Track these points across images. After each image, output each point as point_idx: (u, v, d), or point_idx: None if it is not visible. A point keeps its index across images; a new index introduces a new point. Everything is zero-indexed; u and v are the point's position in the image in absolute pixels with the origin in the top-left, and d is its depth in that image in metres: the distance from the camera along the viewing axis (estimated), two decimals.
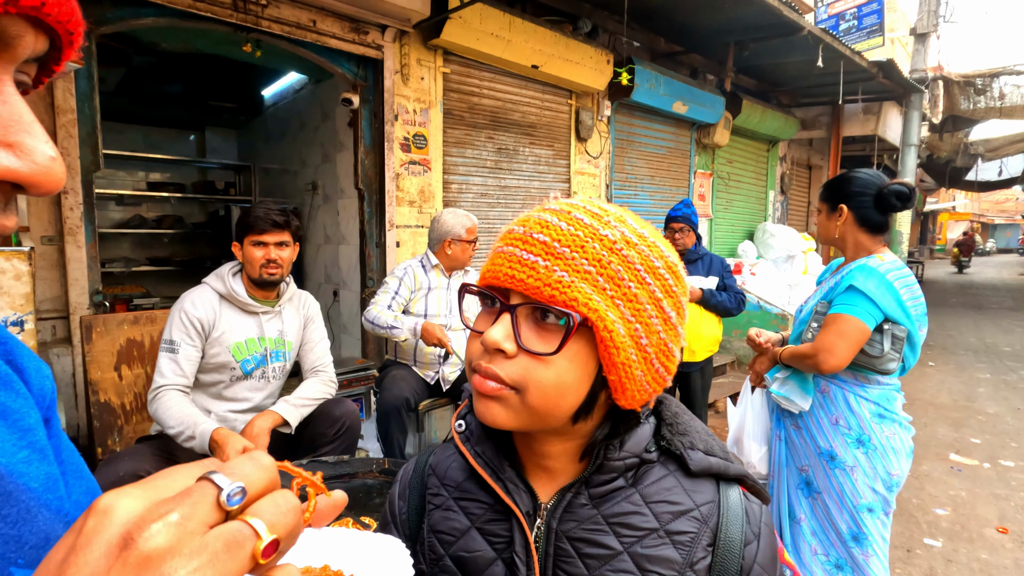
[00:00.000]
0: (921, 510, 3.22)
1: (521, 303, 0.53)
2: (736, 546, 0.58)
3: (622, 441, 0.59)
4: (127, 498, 0.24)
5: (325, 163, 4.50)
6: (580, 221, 0.53)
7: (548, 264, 0.51)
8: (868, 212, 1.69)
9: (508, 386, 0.53)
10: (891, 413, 1.67)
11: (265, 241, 1.86)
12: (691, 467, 0.60)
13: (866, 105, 7.39)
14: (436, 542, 0.64)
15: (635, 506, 0.59)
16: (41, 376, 0.45)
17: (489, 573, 0.61)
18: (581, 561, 0.58)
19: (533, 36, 4.07)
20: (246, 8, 2.95)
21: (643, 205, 5.86)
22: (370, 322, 2.53)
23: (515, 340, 0.52)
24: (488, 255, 0.58)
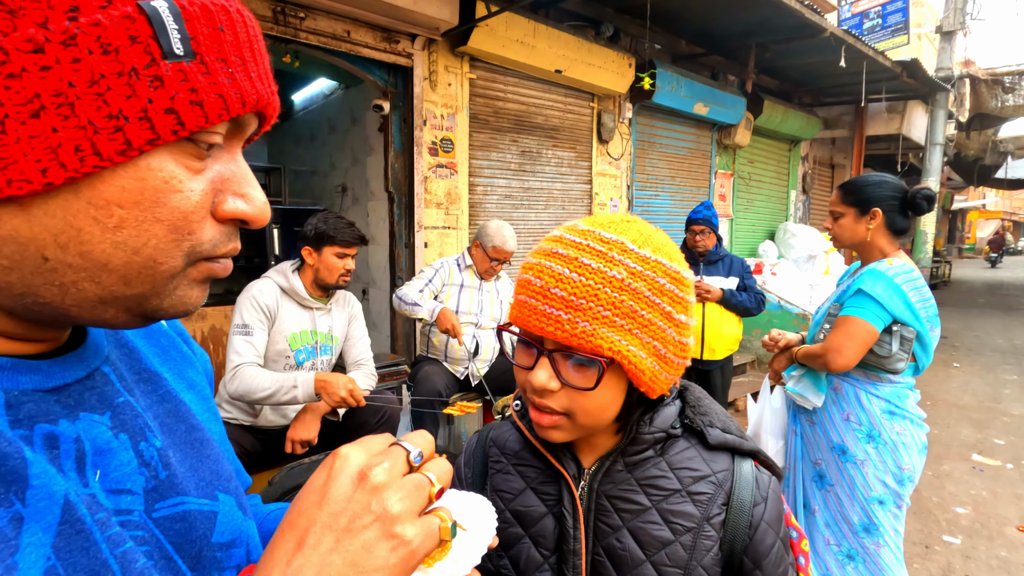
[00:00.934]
0: (941, 508, 3.26)
1: (554, 348, 0.64)
2: (746, 506, 0.70)
3: (651, 419, 0.71)
4: (355, 449, 0.36)
5: (355, 166, 4.67)
6: (588, 267, 0.61)
7: (570, 317, 0.60)
8: (896, 216, 1.76)
9: (560, 414, 0.65)
10: (902, 410, 1.75)
11: (347, 253, 2.09)
12: (709, 441, 0.72)
13: (890, 104, 7.33)
14: (497, 499, 0.77)
15: (662, 471, 0.71)
16: (204, 359, 0.58)
17: (542, 524, 0.74)
18: (617, 514, 0.71)
19: (556, 41, 4.18)
20: (286, 21, 3.11)
21: (663, 206, 5.92)
22: (399, 298, 2.68)
23: (557, 379, 0.63)
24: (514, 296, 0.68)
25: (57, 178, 0.30)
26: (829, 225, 1.86)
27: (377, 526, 0.34)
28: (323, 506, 0.34)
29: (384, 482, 0.35)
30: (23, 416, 0.34)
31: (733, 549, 0.69)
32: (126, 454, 0.39)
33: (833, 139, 8.63)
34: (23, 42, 0.28)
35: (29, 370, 0.36)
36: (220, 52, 0.33)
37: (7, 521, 0.30)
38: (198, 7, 0.33)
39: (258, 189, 0.38)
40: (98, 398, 0.39)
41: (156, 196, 0.33)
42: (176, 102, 0.32)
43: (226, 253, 0.38)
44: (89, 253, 0.32)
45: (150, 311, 0.37)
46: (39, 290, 0.33)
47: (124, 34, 0.30)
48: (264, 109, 0.37)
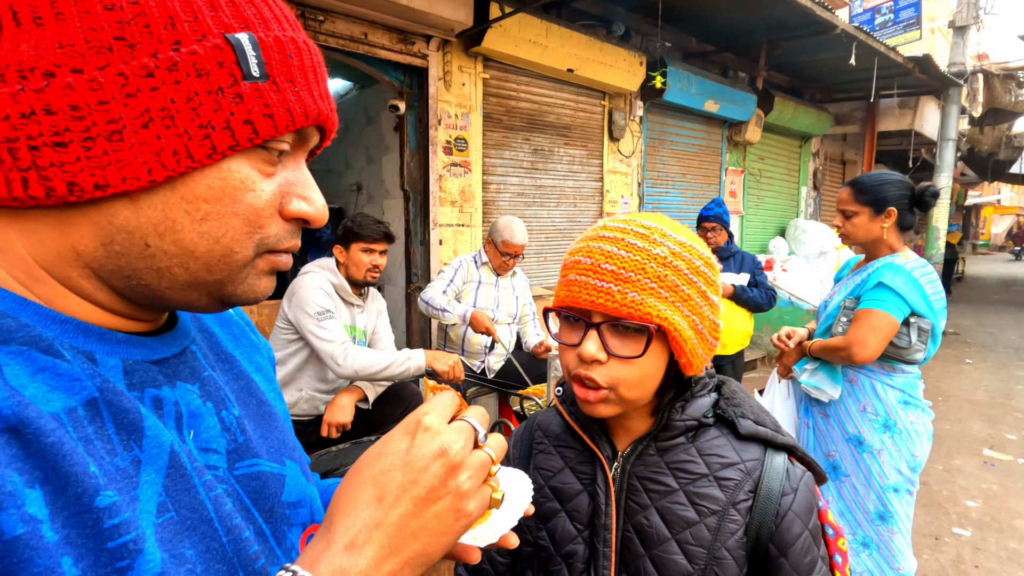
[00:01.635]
0: (951, 502, 3.29)
1: (602, 321, 0.68)
2: (774, 494, 0.72)
3: (683, 407, 0.75)
4: (435, 419, 0.41)
5: (369, 165, 4.74)
6: (634, 246, 0.67)
7: (620, 288, 0.65)
8: (906, 213, 1.81)
9: (605, 388, 0.69)
10: (915, 399, 1.79)
11: (374, 249, 2.17)
12: (740, 431, 0.75)
13: (902, 100, 7.31)
14: (539, 476, 0.84)
15: (691, 457, 0.75)
16: (268, 348, 0.66)
17: (577, 500, 0.80)
18: (646, 494, 0.76)
19: (569, 41, 4.23)
20: (305, 24, 3.19)
21: (674, 203, 5.96)
22: (426, 302, 2.75)
23: (605, 350, 0.68)
24: (560, 279, 0.73)
25: (159, 176, 0.36)
26: (839, 223, 1.90)
27: (449, 498, 0.39)
28: (405, 472, 0.39)
29: (460, 461, 0.40)
30: (136, 381, 0.41)
31: (759, 535, 0.72)
32: (212, 419, 0.46)
33: (844, 135, 8.61)
34: (139, 68, 0.35)
35: (139, 344, 0.43)
36: (289, 75, 0.40)
37: (129, 462, 0.37)
38: (272, 39, 0.39)
39: (318, 193, 0.45)
40: (189, 371, 0.46)
41: (234, 193, 0.39)
42: (252, 115, 0.38)
43: (288, 248, 0.44)
44: (180, 241, 0.39)
45: (226, 296, 0.43)
46: (142, 273, 0.39)
47: (214, 60, 0.37)
48: (324, 123, 0.44)
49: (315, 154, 0.49)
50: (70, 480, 0.33)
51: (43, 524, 0.31)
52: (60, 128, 0.34)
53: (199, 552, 0.39)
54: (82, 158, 0.35)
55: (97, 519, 0.33)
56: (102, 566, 0.33)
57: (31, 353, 0.35)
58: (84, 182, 0.35)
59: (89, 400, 0.36)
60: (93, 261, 0.38)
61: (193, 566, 0.38)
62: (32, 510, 0.31)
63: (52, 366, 0.35)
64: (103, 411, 0.37)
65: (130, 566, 0.34)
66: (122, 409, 0.38)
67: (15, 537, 0.30)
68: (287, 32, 0.40)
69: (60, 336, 0.38)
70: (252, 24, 0.39)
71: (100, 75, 0.34)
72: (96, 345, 0.40)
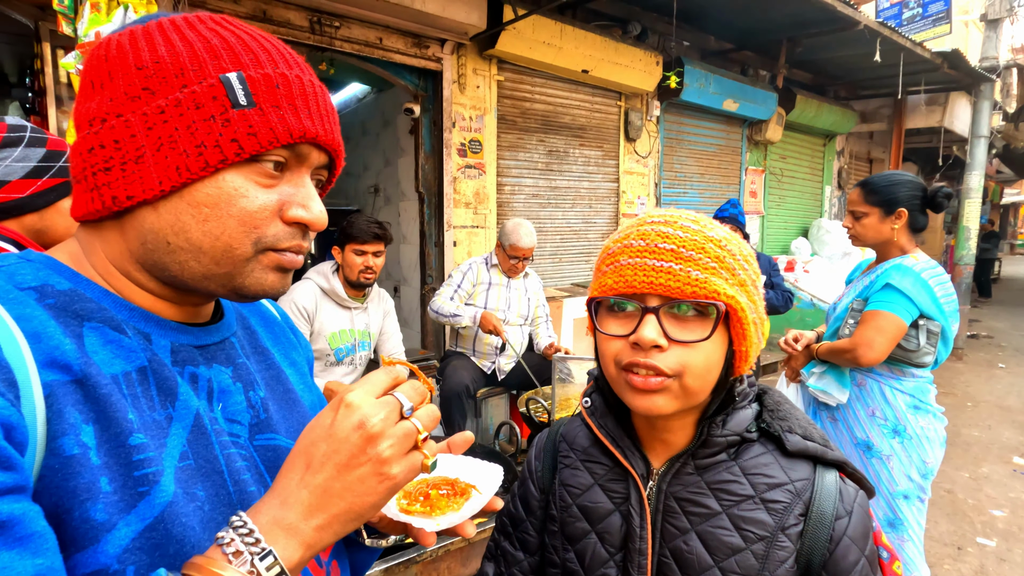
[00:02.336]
0: (977, 511, 3.19)
1: (660, 304, 0.63)
2: (827, 518, 0.65)
3: (724, 421, 0.69)
4: (358, 396, 0.45)
5: (387, 167, 4.81)
6: (690, 228, 0.64)
7: (681, 267, 0.61)
8: (918, 214, 1.78)
9: (668, 376, 0.63)
10: (926, 404, 1.75)
11: (365, 250, 2.18)
12: (788, 447, 0.68)
13: (931, 96, 7.10)
14: (565, 493, 0.78)
15: (734, 476, 0.69)
16: (308, 348, 0.76)
17: (608, 521, 0.74)
18: (685, 517, 0.70)
19: (583, 42, 4.22)
20: (322, 31, 3.25)
21: (692, 203, 5.89)
22: (435, 311, 2.78)
23: (665, 335, 0.62)
24: (602, 268, 0.68)
25: (167, 187, 0.47)
26: (849, 224, 1.87)
27: (369, 465, 0.44)
28: (328, 442, 0.45)
29: (379, 431, 0.45)
30: (179, 359, 0.52)
31: (811, 563, 0.66)
32: (239, 396, 0.56)
33: (871, 133, 8.40)
34: (155, 108, 0.47)
35: (186, 332, 0.54)
36: (275, 102, 0.48)
37: (163, 417, 0.48)
38: (261, 75, 0.48)
39: (318, 203, 0.53)
40: (226, 357, 0.57)
41: (229, 199, 0.48)
42: (238, 134, 0.47)
43: (290, 247, 0.52)
44: (190, 239, 0.48)
45: (237, 287, 0.51)
46: (169, 266, 0.49)
47: (209, 96, 0.47)
48: (316, 141, 0.51)
49: (333, 178, 0.57)
50: (112, 422, 0.44)
51: (91, 450, 0.42)
52: (107, 157, 0.47)
53: (209, 495, 0.48)
54: (120, 177, 0.47)
55: (128, 453, 0.44)
56: (128, 489, 0.43)
57: (104, 329, 0.47)
58: (120, 194, 0.47)
59: (140, 368, 0.48)
60: (139, 258, 0.50)
61: (202, 504, 0.48)
62: (85, 439, 0.42)
63: (117, 340, 0.48)
64: (150, 377, 0.48)
65: (148, 492, 0.44)
66: (163, 377, 0.49)
67: (71, 456, 0.41)
68: (278, 69, 0.50)
69: (128, 319, 0.50)
70: (245, 64, 0.48)
71: (131, 116, 0.46)
72: (153, 328, 0.51)
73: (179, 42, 0.48)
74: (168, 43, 0.48)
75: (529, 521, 0.83)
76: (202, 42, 0.48)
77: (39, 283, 0.47)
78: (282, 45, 0.53)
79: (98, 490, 0.42)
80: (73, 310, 0.47)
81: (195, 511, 0.47)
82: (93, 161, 0.48)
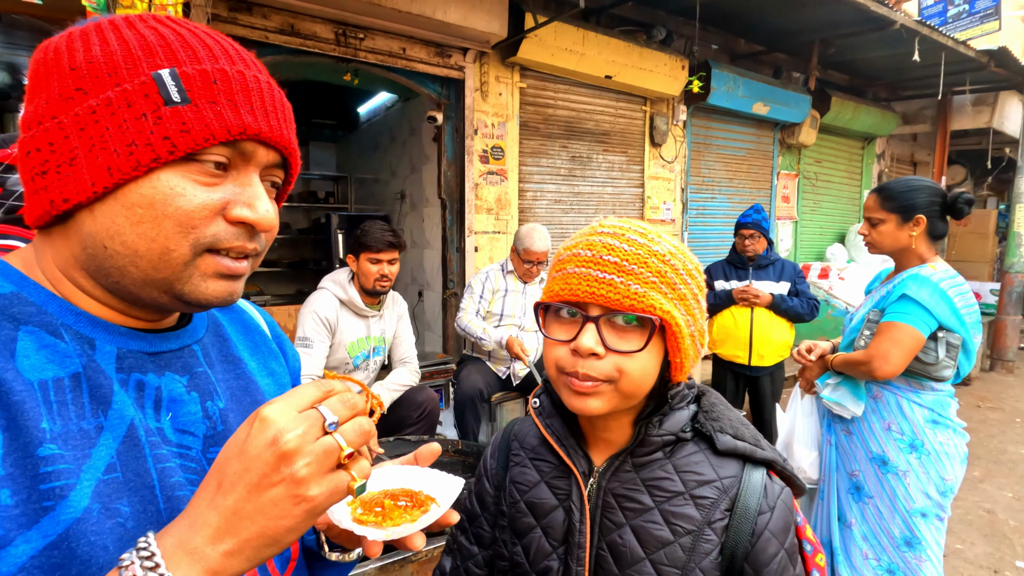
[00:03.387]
0: (1018, 532, 3.02)
1: (601, 314, 0.66)
2: (751, 513, 0.70)
3: (661, 421, 0.73)
4: (275, 411, 0.41)
5: (412, 174, 4.90)
6: (635, 241, 0.67)
7: (623, 280, 0.64)
8: (937, 221, 1.72)
9: (603, 381, 0.66)
10: (945, 419, 1.68)
11: (380, 259, 2.19)
12: (718, 446, 0.73)
13: (979, 96, 6.77)
14: (515, 489, 0.82)
15: (667, 473, 0.73)
16: (295, 358, 0.74)
17: (552, 516, 0.78)
18: (621, 512, 0.74)
19: (606, 48, 4.21)
20: (347, 42, 3.35)
21: (720, 208, 5.79)
22: (463, 329, 2.83)
23: (603, 344, 0.66)
24: (553, 274, 0.71)
25: (99, 188, 0.45)
26: (865, 231, 1.81)
27: (283, 486, 0.40)
28: (240, 460, 0.40)
29: (294, 448, 0.40)
30: (125, 366, 0.50)
31: (734, 555, 0.70)
32: (194, 407, 0.54)
33: (914, 135, 8.07)
34: (87, 108, 0.45)
35: (137, 338, 0.52)
36: (212, 97, 0.46)
37: (92, 427, 0.46)
38: (196, 71, 0.46)
39: (264, 202, 0.50)
40: (182, 365, 0.55)
41: (164, 199, 0.46)
42: (170, 132, 0.45)
43: (232, 248, 0.49)
44: (126, 242, 0.46)
45: (178, 294, 0.49)
46: (110, 272, 0.48)
47: (140, 93, 0.45)
48: (258, 137, 0.48)
49: (291, 180, 0.55)
50: (22, 431, 0.42)
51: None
52: (43, 160, 0.46)
53: (135, 511, 0.46)
54: (56, 180, 0.46)
55: (35, 464, 0.41)
56: (32, 502, 0.41)
57: (41, 333, 0.46)
58: (56, 197, 0.46)
59: (74, 374, 0.46)
60: (83, 263, 0.48)
61: (124, 520, 0.45)
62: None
63: (53, 344, 0.46)
64: (83, 384, 0.46)
65: (53, 506, 0.41)
66: (97, 385, 0.47)
67: None
68: (217, 64, 0.48)
69: (72, 323, 0.48)
70: (180, 61, 0.46)
71: (64, 118, 0.45)
72: (99, 334, 0.50)
73: (115, 41, 0.46)
74: (103, 42, 0.46)
75: (484, 517, 0.86)
76: (138, 40, 0.46)
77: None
78: (229, 42, 0.51)
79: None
80: (10, 313, 0.46)
81: (113, 528, 0.44)
82: (31, 164, 0.47)
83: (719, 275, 3.34)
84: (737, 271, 3.28)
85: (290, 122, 0.53)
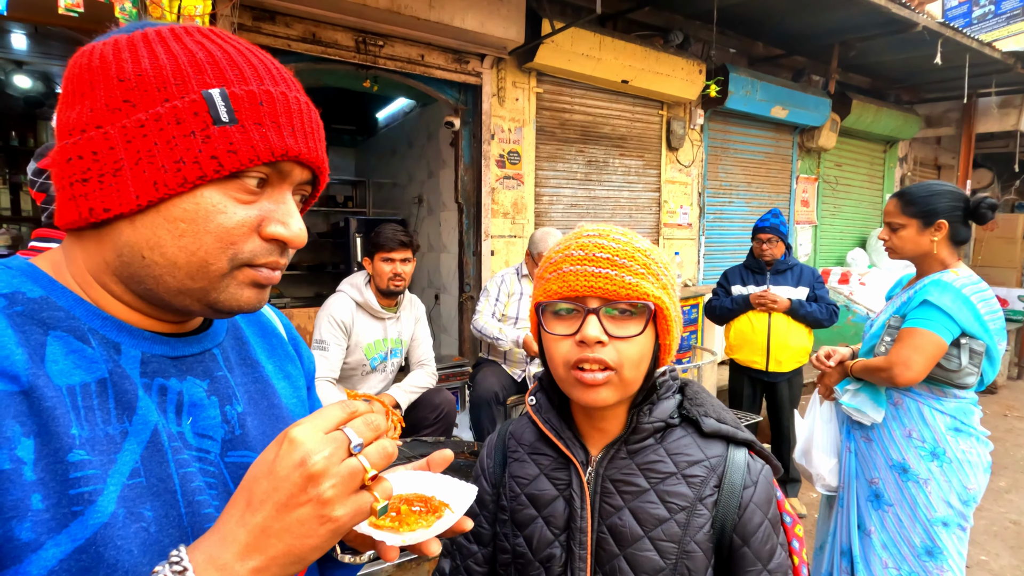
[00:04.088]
0: None
1: (600, 306, 0.72)
2: (737, 488, 0.77)
3: (651, 410, 0.80)
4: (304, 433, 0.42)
5: (430, 179, 4.95)
6: (620, 240, 0.75)
7: (616, 272, 0.72)
8: (959, 226, 1.70)
9: (611, 369, 0.72)
10: (968, 427, 1.66)
11: (392, 258, 2.23)
12: (704, 429, 0.80)
13: (1005, 98, 6.63)
14: (515, 484, 0.87)
15: (660, 457, 0.79)
16: (310, 360, 0.75)
17: (553, 506, 0.83)
18: (619, 496, 0.79)
19: (623, 53, 4.22)
20: (366, 50, 3.41)
21: (738, 212, 5.74)
22: (479, 331, 2.85)
23: (605, 332, 0.72)
24: (546, 276, 0.76)
25: (143, 201, 0.46)
26: (885, 236, 1.79)
27: (310, 506, 0.41)
28: (269, 480, 0.42)
29: (321, 471, 0.41)
30: (149, 371, 0.51)
31: (724, 527, 0.76)
32: (213, 411, 0.55)
33: (938, 138, 7.92)
34: (135, 121, 0.46)
35: (161, 342, 0.53)
36: (257, 119, 0.48)
37: (118, 432, 0.47)
38: (245, 92, 0.48)
39: (297, 220, 0.52)
40: (203, 369, 0.56)
41: (207, 215, 0.47)
42: (218, 152, 0.46)
43: (267, 263, 0.51)
44: (165, 253, 0.48)
45: (212, 303, 0.50)
46: (145, 280, 0.49)
47: (190, 111, 0.46)
48: (299, 159, 0.50)
49: (317, 193, 0.57)
50: (53, 437, 0.43)
51: (26, 466, 0.41)
52: (85, 168, 0.47)
53: (157, 515, 0.47)
54: (97, 189, 0.46)
55: (65, 470, 0.42)
56: (62, 507, 0.42)
57: (68, 338, 0.47)
58: (96, 206, 0.47)
59: (100, 379, 0.47)
60: (116, 270, 0.49)
61: (148, 525, 0.46)
62: (21, 453, 0.41)
63: (80, 350, 0.47)
64: (109, 389, 0.47)
65: (82, 511, 0.42)
66: (123, 390, 0.48)
67: (2, 471, 0.40)
68: (263, 85, 0.49)
69: (99, 328, 0.49)
70: (229, 80, 0.48)
71: (111, 129, 0.46)
72: (124, 338, 0.50)
73: (163, 55, 0.47)
74: (152, 55, 0.47)
75: (482, 515, 0.90)
76: (187, 55, 0.47)
77: (10, 290, 0.47)
78: (270, 60, 0.52)
79: (27, 508, 0.40)
80: (40, 318, 0.46)
81: (137, 533, 0.45)
82: (71, 171, 0.47)
83: (736, 280, 3.32)
84: (754, 276, 3.26)
85: (323, 141, 0.54)
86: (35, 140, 5.37)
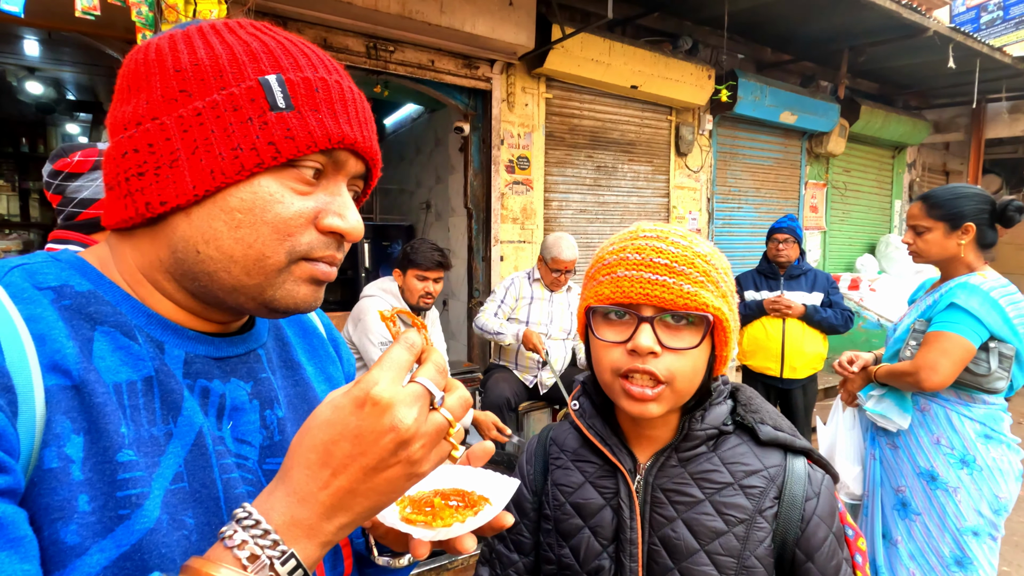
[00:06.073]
0: None
1: (655, 315, 0.68)
2: (798, 500, 0.73)
3: (703, 416, 0.75)
4: (387, 388, 0.40)
5: (438, 184, 4.95)
6: (680, 244, 0.70)
7: (675, 280, 0.67)
8: (987, 229, 1.67)
9: (662, 382, 0.68)
10: (998, 434, 1.62)
11: (427, 276, 2.27)
12: (761, 437, 0.75)
13: (1015, 103, 6.60)
14: (558, 492, 0.83)
15: (714, 466, 0.75)
16: (350, 363, 0.73)
17: (600, 515, 0.79)
18: (672, 506, 0.75)
19: (632, 58, 4.22)
20: (377, 55, 3.41)
21: (747, 218, 5.71)
22: (480, 328, 2.83)
23: (659, 343, 0.68)
24: (598, 278, 0.72)
25: (201, 191, 0.45)
26: (910, 240, 1.76)
27: (399, 466, 0.41)
28: (355, 444, 0.39)
29: (412, 435, 0.40)
30: (192, 371, 0.49)
31: (785, 541, 0.72)
32: (253, 415, 0.53)
33: (946, 144, 7.89)
34: (191, 110, 0.45)
35: (205, 342, 0.51)
36: (314, 105, 0.46)
37: (162, 434, 0.45)
38: (300, 78, 0.47)
39: (354, 212, 0.50)
40: (248, 371, 0.54)
41: (264, 205, 0.46)
42: (275, 137, 0.45)
43: (324, 257, 0.49)
44: (221, 247, 0.46)
45: (267, 300, 0.48)
46: (199, 277, 0.47)
47: (247, 98, 0.45)
48: (354, 147, 0.49)
49: (368, 189, 0.55)
50: (103, 434, 0.41)
51: (75, 464, 0.39)
52: (141, 161, 0.45)
53: (199, 523, 0.45)
54: (153, 182, 0.45)
55: (114, 470, 0.41)
56: (109, 509, 0.40)
57: (116, 334, 0.45)
58: (153, 200, 0.45)
59: (147, 378, 0.46)
60: (169, 267, 0.48)
61: (189, 533, 0.44)
62: (70, 451, 0.40)
63: (127, 346, 0.46)
64: (155, 388, 0.46)
65: (129, 515, 0.41)
66: (169, 390, 0.46)
67: (49, 469, 0.39)
68: (318, 73, 0.48)
69: (143, 325, 0.48)
70: (284, 68, 0.47)
71: (167, 119, 0.45)
72: (168, 337, 0.49)
73: (219, 45, 0.47)
74: (208, 46, 0.46)
75: (523, 523, 0.87)
76: (242, 45, 0.47)
77: (59, 283, 0.45)
78: (321, 51, 0.51)
79: (73, 509, 0.39)
80: (87, 312, 0.45)
81: (180, 541, 0.43)
82: (126, 166, 0.46)
83: (749, 285, 3.28)
84: (768, 281, 3.22)
85: (375, 133, 0.52)
86: (45, 147, 5.40)
